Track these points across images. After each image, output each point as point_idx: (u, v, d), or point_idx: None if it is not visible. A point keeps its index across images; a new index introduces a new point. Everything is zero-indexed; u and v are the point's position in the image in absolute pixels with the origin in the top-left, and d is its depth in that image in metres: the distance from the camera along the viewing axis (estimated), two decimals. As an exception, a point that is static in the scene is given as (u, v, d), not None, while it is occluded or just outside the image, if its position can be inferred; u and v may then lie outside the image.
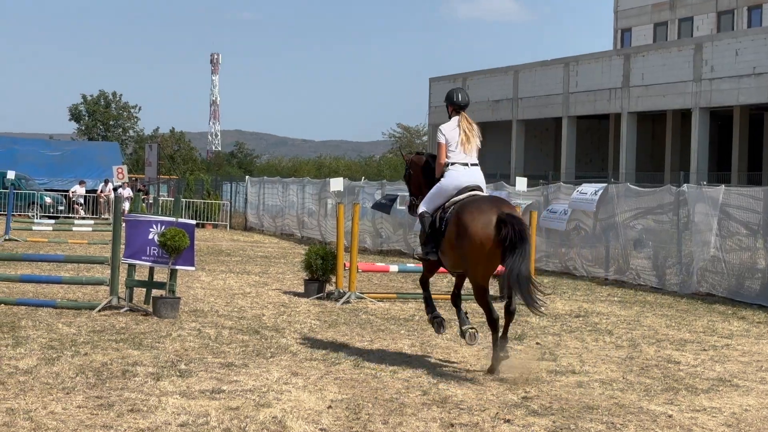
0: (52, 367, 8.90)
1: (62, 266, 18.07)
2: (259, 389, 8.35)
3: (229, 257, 24.24)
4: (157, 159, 50.76)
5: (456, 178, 10.14)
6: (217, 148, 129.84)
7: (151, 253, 12.95)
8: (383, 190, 29.85)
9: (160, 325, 11.77)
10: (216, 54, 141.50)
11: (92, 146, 69.13)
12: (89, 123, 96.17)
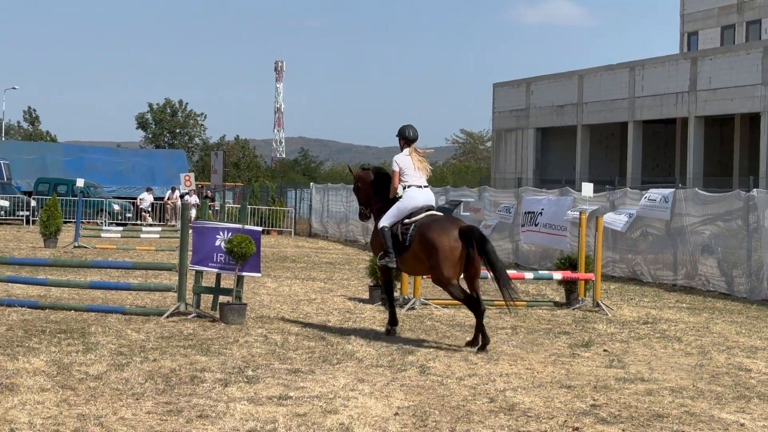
0: (121, 373, 9.00)
1: (131, 273, 18.29)
2: (325, 395, 8.37)
3: (294, 263, 24.36)
4: (223, 166, 51.25)
5: (413, 198, 12.21)
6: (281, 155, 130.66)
7: (218, 259, 13.05)
8: (447, 196, 29.81)
9: (227, 332, 11.86)
10: (280, 62, 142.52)
11: (159, 154, 70.01)
12: (156, 131, 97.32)
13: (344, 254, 29.63)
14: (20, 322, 11.94)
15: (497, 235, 26.71)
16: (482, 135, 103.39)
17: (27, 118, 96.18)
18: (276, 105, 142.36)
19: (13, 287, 15.49)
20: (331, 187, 42.40)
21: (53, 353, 9.87)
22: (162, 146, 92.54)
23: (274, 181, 56.48)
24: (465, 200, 28.62)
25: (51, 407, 7.54)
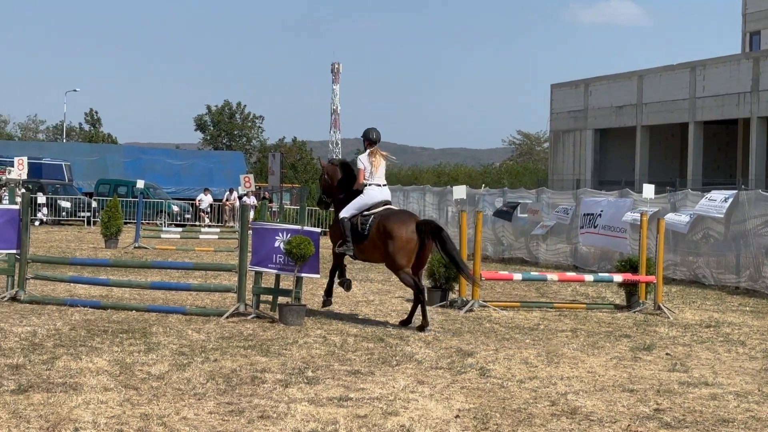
0: (183, 373, 9.06)
1: (190, 273, 18.43)
2: (386, 397, 8.35)
3: (351, 265, 24.33)
4: (280, 168, 51.43)
5: (373, 196, 13.70)
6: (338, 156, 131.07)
7: (277, 260, 13.10)
8: (504, 198, 29.69)
9: (287, 332, 11.90)
10: (337, 63, 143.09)
11: (217, 155, 70.58)
12: (214, 133, 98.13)
13: (401, 256, 29.61)
14: (83, 322, 12.08)
15: (554, 238, 26.55)
16: (539, 136, 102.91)
17: (88, 120, 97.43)
18: (332, 106, 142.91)
19: (75, 287, 15.69)
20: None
21: (116, 353, 9.97)
22: (220, 148, 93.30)
23: (332, 183, 56.60)
24: (522, 202, 28.49)
25: (114, 407, 7.61)
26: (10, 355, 9.60)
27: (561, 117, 51.63)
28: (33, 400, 7.72)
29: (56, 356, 9.63)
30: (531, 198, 28.67)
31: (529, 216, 27.75)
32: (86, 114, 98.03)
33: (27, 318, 12.25)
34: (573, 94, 50.75)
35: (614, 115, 47.92)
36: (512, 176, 76.73)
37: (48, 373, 8.79)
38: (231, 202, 45.66)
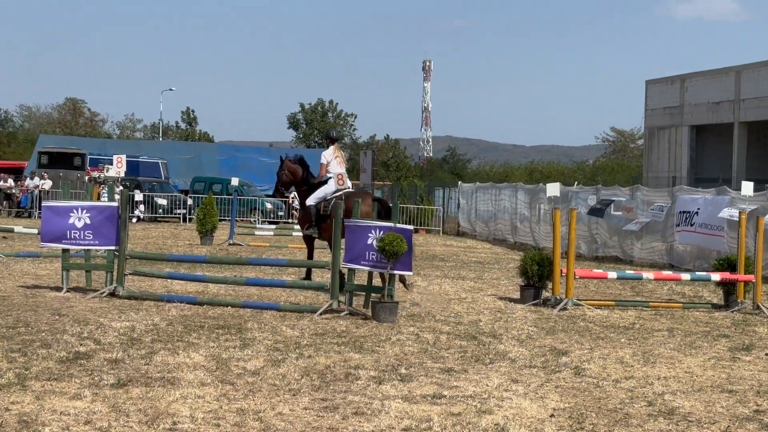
0: (278, 369, 9.14)
1: (284, 270, 18.59)
2: (479, 395, 8.32)
3: (443, 262, 24.37)
4: (372, 165, 51.63)
5: (334, 184, 16.19)
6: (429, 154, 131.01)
7: (370, 257, 13.14)
8: (598, 195, 29.34)
9: (380, 329, 11.93)
10: (428, 61, 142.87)
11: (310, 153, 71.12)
12: (306, 131, 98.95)
13: (493, 253, 29.49)
14: (180, 318, 12.28)
15: (649, 236, 26.16)
16: (633, 133, 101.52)
17: (185, 118, 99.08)
18: (423, 104, 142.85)
19: (172, 283, 15.95)
20: (479, 186, 42.29)
21: (212, 348, 10.10)
22: (312, 146, 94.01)
23: (423, 180, 56.66)
24: (616, 200, 28.13)
25: (211, 401, 7.71)
26: (109, 349, 9.80)
27: (656, 113, 50.82)
28: (132, 394, 7.86)
29: (154, 351, 9.80)
30: (625, 196, 28.28)
31: (623, 214, 27.39)
32: (182, 113, 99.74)
33: (125, 313, 12.50)
34: (668, 91, 49.91)
35: (711, 111, 46.99)
36: (606, 173, 75.81)
37: (146, 368, 8.95)
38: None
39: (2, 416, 6.93)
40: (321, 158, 16.59)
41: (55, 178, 43.26)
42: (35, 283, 15.51)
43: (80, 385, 8.07)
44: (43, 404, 7.35)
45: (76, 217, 14.48)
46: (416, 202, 44.47)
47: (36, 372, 8.52)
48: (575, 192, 30.96)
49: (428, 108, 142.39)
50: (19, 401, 7.42)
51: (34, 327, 11.03)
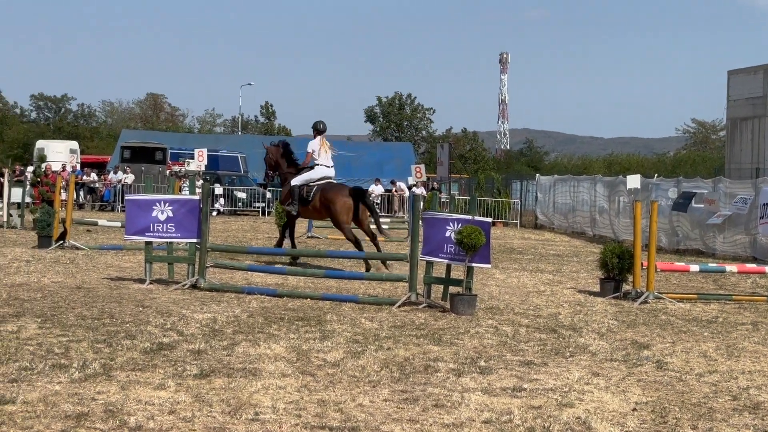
0: (357, 361, 9.19)
1: (362, 262, 18.63)
2: (560, 389, 8.27)
3: (521, 255, 24.25)
4: (449, 158, 51.53)
5: (320, 171, 18.58)
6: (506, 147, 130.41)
7: (448, 250, 13.13)
8: (679, 188, 28.93)
9: (458, 322, 11.92)
10: (505, 53, 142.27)
11: (386, 147, 71.26)
12: (383, 124, 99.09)
13: (572, 246, 29.25)
14: (260, 310, 12.40)
15: (732, 228, 25.70)
16: (715, 124, 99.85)
17: (263, 113, 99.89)
18: (500, 97, 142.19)
19: (252, 276, 16.11)
20: (557, 178, 41.97)
21: (292, 340, 10.19)
22: (389, 139, 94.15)
23: (500, 173, 56.39)
24: (698, 192, 27.70)
25: (292, 392, 7.78)
26: (192, 340, 9.94)
27: (738, 104, 49.87)
28: (214, 384, 7.97)
29: (235, 342, 9.92)
30: (707, 188, 27.83)
31: (705, 206, 26.97)
32: (261, 107, 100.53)
33: (207, 305, 12.66)
34: (751, 81, 48.91)
35: (795, 101, 45.97)
36: (687, 165, 74.71)
37: (228, 359, 9.06)
38: (400, 192, 46.02)
39: (89, 405, 7.07)
40: (308, 147, 18.88)
41: (138, 173, 43.95)
42: (119, 275, 15.79)
43: (164, 376, 8.20)
44: (128, 394, 7.49)
45: (158, 210, 14.71)
46: (493, 195, 44.30)
47: (121, 362, 8.68)
48: (656, 184, 30.56)
49: (505, 100, 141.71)
50: (105, 391, 7.56)
51: (119, 318, 11.23)
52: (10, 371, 8.12)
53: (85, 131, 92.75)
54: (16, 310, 11.61)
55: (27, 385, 7.62)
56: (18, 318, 10.96)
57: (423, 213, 13.77)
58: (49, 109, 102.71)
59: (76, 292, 13.55)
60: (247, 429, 6.63)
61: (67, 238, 20.82)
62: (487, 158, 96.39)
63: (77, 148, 56.10)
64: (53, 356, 8.83)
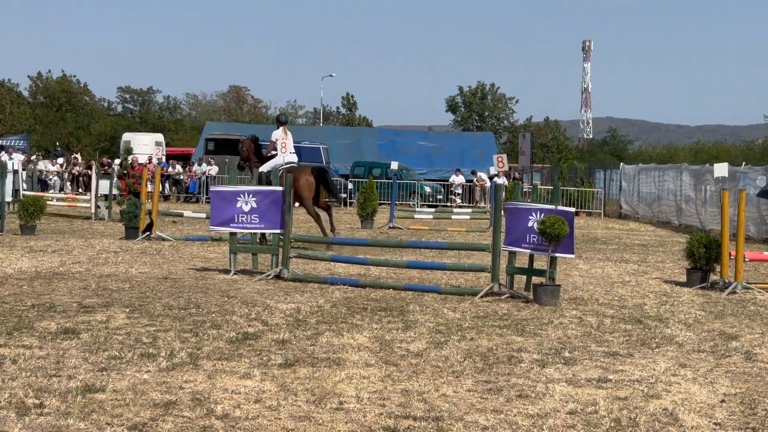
0: (441, 351, 9.19)
1: (443, 253, 18.65)
2: (646, 380, 8.16)
3: (605, 245, 24.00)
4: (531, 148, 51.19)
5: (283, 158, 20.91)
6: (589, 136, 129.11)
7: (531, 240, 13.04)
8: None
9: (542, 312, 11.84)
10: (588, 41, 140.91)
11: (468, 137, 71.00)
12: (465, 114, 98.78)
13: (657, 236, 28.86)
14: (343, 300, 12.47)
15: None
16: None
17: (345, 104, 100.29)
18: (583, 85, 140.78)
19: (335, 266, 16.21)
20: (641, 167, 41.43)
21: (375, 330, 10.22)
22: (470, 129, 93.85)
23: (583, 162, 55.85)
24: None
25: (376, 382, 7.81)
26: (276, 330, 10.03)
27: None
28: (299, 373, 8.03)
29: (319, 332, 9.99)
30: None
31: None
32: (342, 98, 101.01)
33: (291, 295, 12.77)
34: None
35: None
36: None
37: (312, 348, 9.13)
38: (481, 182, 45.85)
39: (177, 394, 7.18)
40: (271, 136, 21.34)
41: (221, 164, 44.47)
42: (204, 266, 16.01)
43: (249, 365, 8.29)
44: (215, 383, 7.59)
45: (242, 201, 14.87)
46: (576, 185, 43.90)
47: (207, 352, 8.80)
48: (743, 172, 29.97)
49: (588, 89, 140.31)
50: (192, 380, 7.67)
51: (205, 308, 11.38)
52: (99, 360, 8.29)
53: (170, 123, 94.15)
54: (105, 300, 11.84)
55: (116, 374, 7.77)
56: (107, 308, 11.18)
57: (505, 203, 13.69)
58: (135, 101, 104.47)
59: (162, 282, 13.77)
60: (332, 418, 6.67)
61: (154, 229, 21.17)
62: (569, 147, 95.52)
63: (162, 141, 56.95)
64: (141, 345, 8.99)
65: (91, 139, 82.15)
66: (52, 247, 18.65)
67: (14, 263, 15.70)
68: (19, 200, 24.22)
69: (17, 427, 6.21)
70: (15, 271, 14.59)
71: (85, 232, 23.21)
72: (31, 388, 7.17)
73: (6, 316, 10.44)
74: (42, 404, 6.75)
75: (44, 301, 11.61)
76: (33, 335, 9.35)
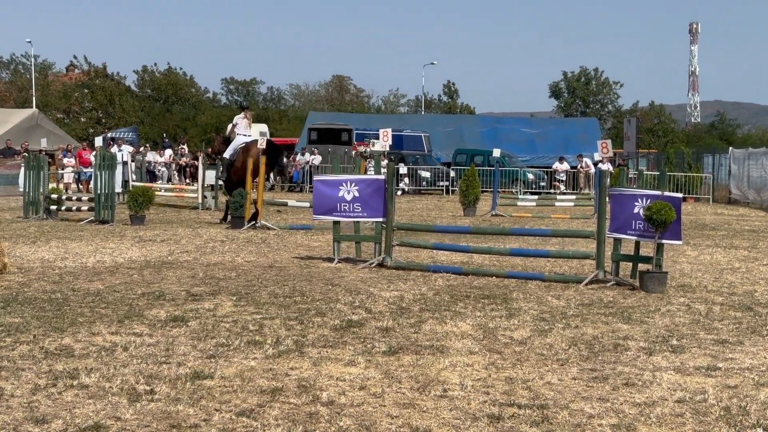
0: (545, 339, 9.12)
1: (547, 240, 18.50)
2: (757, 368, 7.98)
3: (714, 231, 23.52)
4: (636, 133, 50.40)
5: (241, 140, 22.76)
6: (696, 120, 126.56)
7: (637, 227, 12.85)
8: None
9: (648, 300, 11.67)
10: (695, 23, 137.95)
11: (571, 123, 70.14)
12: (568, 100, 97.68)
13: (767, 222, 28.17)
14: (446, 288, 12.47)
15: None
16: None
17: (446, 92, 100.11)
18: (690, 68, 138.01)
19: (437, 254, 16.21)
20: (751, 152, 40.44)
21: (478, 318, 10.20)
22: (573, 115, 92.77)
23: (690, 147, 54.78)
24: None
25: (480, 370, 7.79)
26: (380, 318, 10.09)
27: None
28: (403, 361, 8.07)
29: (422, 320, 10.01)
30: None
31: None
32: (444, 86, 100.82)
33: (394, 283, 12.82)
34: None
35: None
36: None
37: (415, 336, 9.15)
38: (585, 169, 45.32)
39: (283, 381, 7.28)
40: (233, 120, 23.38)
41: (324, 153, 44.82)
42: (308, 254, 16.17)
43: (354, 352, 8.36)
44: (320, 370, 7.67)
45: (345, 190, 14.97)
46: (684, 170, 43.09)
47: (312, 339, 8.90)
48: None
49: (695, 72, 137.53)
50: (298, 367, 7.77)
51: (309, 296, 11.50)
52: (207, 347, 8.45)
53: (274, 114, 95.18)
54: (212, 288, 12.06)
55: (224, 361, 7.91)
56: (214, 296, 11.39)
57: (610, 189, 13.51)
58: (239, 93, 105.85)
59: (268, 270, 13.96)
60: (436, 405, 6.69)
61: (259, 218, 21.46)
62: (676, 132, 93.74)
63: (267, 131, 57.60)
64: (248, 333, 9.13)
65: (198, 131, 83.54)
66: (160, 237, 19.06)
67: (124, 253, 16.10)
68: (129, 191, 24.80)
69: (129, 412, 6.38)
70: (125, 261, 14.95)
71: (192, 222, 23.66)
72: (142, 375, 7.35)
73: (117, 304, 10.71)
74: (153, 390, 6.91)
75: (154, 289, 11.88)
76: (143, 323, 9.58)
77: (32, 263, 14.52)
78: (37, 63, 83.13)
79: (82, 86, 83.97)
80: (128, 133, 56.46)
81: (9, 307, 10.38)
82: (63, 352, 8.16)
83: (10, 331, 9.04)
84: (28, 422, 6.12)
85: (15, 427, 6.03)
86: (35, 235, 19.18)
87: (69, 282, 12.48)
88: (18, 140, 45.16)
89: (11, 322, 9.50)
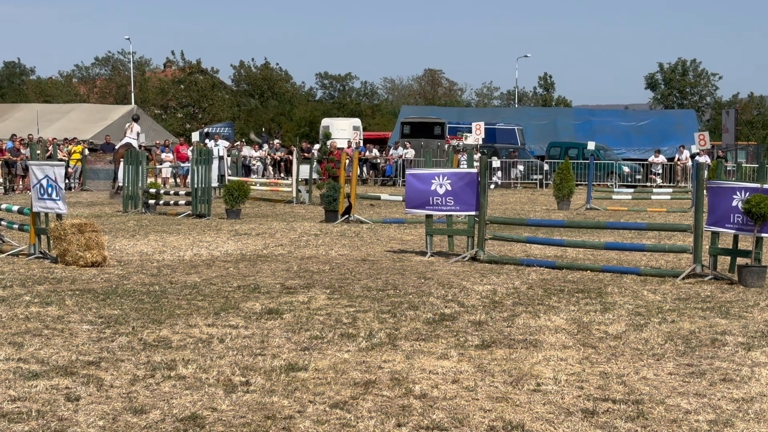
0: (640, 334, 9.02)
1: (643, 234, 18.26)
2: None
3: None
4: (735, 125, 49.36)
5: (123, 141, 30.53)
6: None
7: (735, 220, 12.60)
8: None
9: (747, 294, 11.44)
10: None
11: (668, 115, 68.88)
12: (665, 92, 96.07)
13: None
14: (539, 282, 12.39)
15: None
16: None
17: (542, 84, 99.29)
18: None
19: (531, 248, 16.12)
20: None
21: (572, 312, 10.13)
22: (670, 107, 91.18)
23: (792, 139, 53.41)
24: None
25: (573, 364, 7.74)
26: (473, 311, 10.08)
27: None
28: (495, 355, 8.05)
29: (515, 314, 9.97)
30: None
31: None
32: (539, 78, 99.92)
33: (487, 277, 12.79)
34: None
35: None
36: None
37: (508, 330, 9.13)
38: (682, 161, 44.55)
39: (376, 373, 7.33)
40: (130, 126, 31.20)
41: (417, 147, 44.84)
42: (401, 248, 16.22)
43: (446, 346, 8.37)
44: (413, 363, 7.70)
45: (437, 183, 14.98)
46: (785, 162, 42.04)
47: (405, 332, 8.94)
48: None
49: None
50: (391, 359, 7.81)
51: (402, 290, 11.55)
52: (302, 340, 8.54)
53: (367, 108, 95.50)
54: (306, 281, 12.18)
55: (318, 353, 7.99)
56: (308, 289, 11.50)
57: (707, 182, 13.28)
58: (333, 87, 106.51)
59: (361, 264, 14.04)
60: (529, 399, 6.67)
61: (352, 212, 21.59)
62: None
63: (360, 125, 57.89)
64: (341, 326, 9.21)
65: (292, 125, 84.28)
66: (255, 231, 19.31)
67: (221, 246, 16.35)
68: (225, 186, 25.17)
69: (225, 403, 6.49)
70: (221, 254, 15.19)
71: (286, 216, 23.91)
72: (237, 367, 7.48)
73: (214, 297, 10.89)
74: (248, 382, 7.02)
75: (249, 282, 12.05)
76: (239, 315, 9.73)
77: (131, 256, 14.84)
78: (135, 60, 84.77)
79: (178, 82, 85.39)
80: (224, 128, 57.26)
81: (109, 300, 10.64)
82: (161, 344, 8.34)
83: (109, 323, 9.27)
84: (126, 412, 6.27)
85: (114, 417, 6.18)
86: (134, 229, 19.60)
87: (167, 275, 12.73)
88: (118, 136, 46.12)
89: (111, 314, 9.74)
